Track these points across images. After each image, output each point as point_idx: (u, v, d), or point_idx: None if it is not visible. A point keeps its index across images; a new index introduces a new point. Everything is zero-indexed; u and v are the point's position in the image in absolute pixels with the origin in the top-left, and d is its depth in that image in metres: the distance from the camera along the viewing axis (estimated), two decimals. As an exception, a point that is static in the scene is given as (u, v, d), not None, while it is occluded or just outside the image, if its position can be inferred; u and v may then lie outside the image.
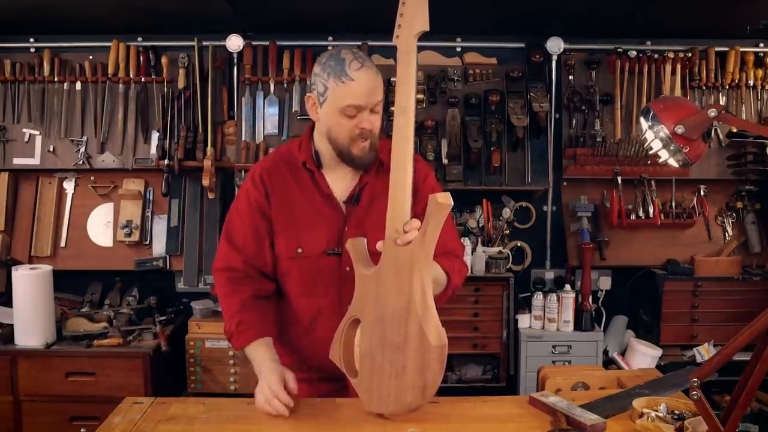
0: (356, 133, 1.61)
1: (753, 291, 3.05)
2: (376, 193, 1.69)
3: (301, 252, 1.68)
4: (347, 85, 1.57)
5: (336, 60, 1.59)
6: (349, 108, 1.59)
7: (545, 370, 1.80)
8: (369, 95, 1.59)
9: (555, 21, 3.12)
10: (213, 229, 3.24)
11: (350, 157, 1.65)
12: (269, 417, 1.49)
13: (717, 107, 1.63)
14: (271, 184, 1.71)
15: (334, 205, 1.70)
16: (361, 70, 1.58)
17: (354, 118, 1.60)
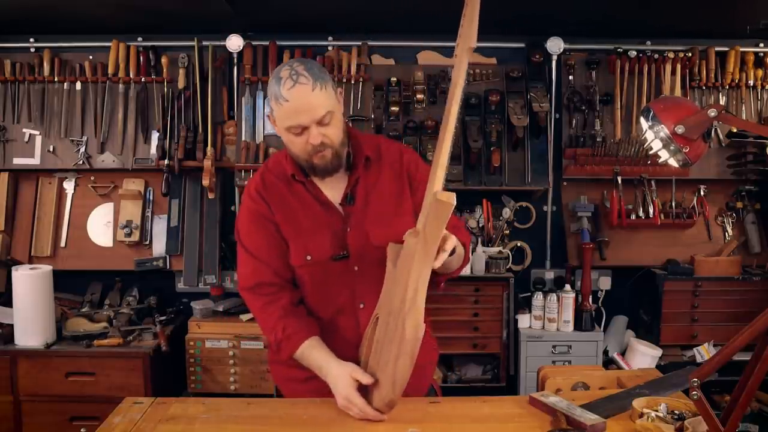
0: (309, 148, 1.61)
1: (753, 291, 3.05)
2: (369, 189, 1.72)
3: (310, 259, 1.68)
4: (283, 107, 1.57)
5: (276, 79, 1.58)
6: (293, 128, 1.59)
7: (545, 370, 1.80)
8: (306, 113, 1.57)
9: (555, 21, 3.12)
10: (213, 229, 3.24)
11: (313, 168, 1.65)
12: (270, 417, 1.49)
13: (717, 107, 1.63)
14: (269, 197, 1.71)
15: (331, 209, 1.71)
16: (293, 89, 1.55)
17: (301, 135, 1.59)
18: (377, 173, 1.73)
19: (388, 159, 1.76)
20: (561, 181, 3.27)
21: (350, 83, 3.17)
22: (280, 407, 1.63)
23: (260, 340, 2.98)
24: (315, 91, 1.56)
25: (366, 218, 1.69)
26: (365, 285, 1.67)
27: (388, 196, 1.72)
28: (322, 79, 1.58)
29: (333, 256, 1.67)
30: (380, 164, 1.74)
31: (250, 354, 2.98)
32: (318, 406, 1.59)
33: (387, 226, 1.67)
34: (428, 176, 1.58)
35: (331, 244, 1.68)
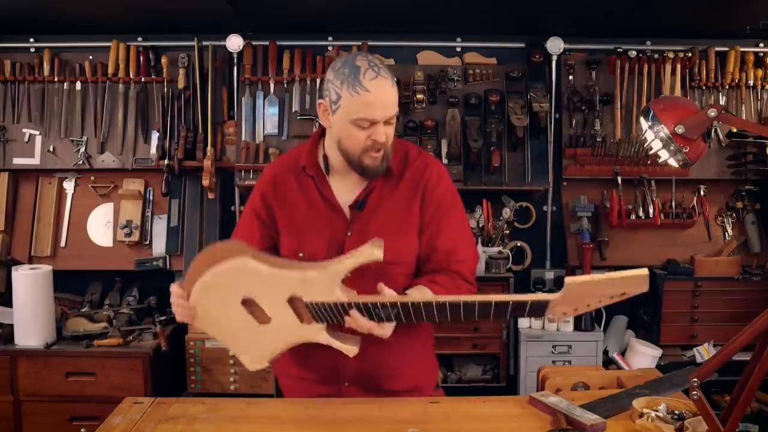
0: (368, 144, 1.56)
1: (753, 291, 3.05)
2: (383, 199, 1.67)
3: (302, 256, 1.65)
4: (361, 96, 1.51)
5: (350, 67, 1.53)
6: (362, 120, 1.53)
7: (545, 370, 1.80)
8: (384, 109, 1.53)
9: (555, 21, 3.12)
10: (213, 229, 3.24)
11: (361, 166, 1.60)
12: (270, 417, 1.49)
13: (717, 107, 1.63)
14: (276, 188, 1.70)
15: (336, 211, 1.67)
16: (375, 80, 1.51)
17: (367, 129, 1.54)
18: (395, 183, 1.68)
19: (411, 170, 1.69)
20: (561, 181, 3.27)
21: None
22: (280, 407, 1.63)
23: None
24: (393, 88, 1.55)
25: (370, 227, 1.64)
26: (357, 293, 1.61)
27: (398, 209, 1.67)
28: (393, 77, 1.56)
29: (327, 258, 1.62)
30: (401, 175, 1.68)
31: (250, 354, 2.98)
32: (318, 406, 1.59)
33: (389, 242, 1.58)
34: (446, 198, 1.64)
35: (328, 246, 1.64)
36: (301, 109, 3.17)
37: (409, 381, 1.74)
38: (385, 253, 1.52)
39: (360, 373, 1.68)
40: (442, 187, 1.70)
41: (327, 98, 1.59)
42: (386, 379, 1.70)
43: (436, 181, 1.69)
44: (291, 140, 3.16)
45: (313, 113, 3.15)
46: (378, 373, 1.69)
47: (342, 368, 1.67)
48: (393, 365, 1.70)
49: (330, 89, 1.57)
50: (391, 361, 1.69)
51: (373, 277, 1.53)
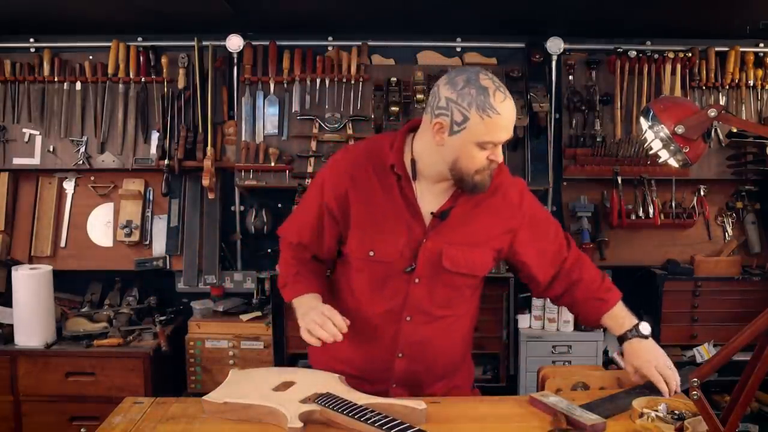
0: (484, 164, 1.56)
1: (753, 291, 3.04)
2: (465, 211, 1.66)
3: (372, 255, 1.65)
4: (492, 120, 1.49)
5: (477, 88, 1.49)
6: (488, 143, 1.53)
7: (545, 370, 1.80)
8: (508, 131, 1.54)
9: (555, 21, 3.12)
10: (213, 229, 3.24)
11: (472, 184, 1.58)
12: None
13: (717, 107, 1.63)
14: (353, 180, 1.66)
15: (417, 216, 1.65)
16: (505, 103, 1.50)
17: (486, 150, 1.54)
18: (482, 198, 1.66)
19: (504, 192, 1.70)
20: (561, 181, 3.27)
21: (350, 83, 3.17)
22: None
23: (260, 340, 2.98)
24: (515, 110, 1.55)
25: (447, 237, 1.65)
26: (420, 301, 1.66)
27: (478, 224, 1.67)
28: None
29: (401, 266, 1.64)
30: (490, 191, 1.65)
31: (250, 354, 2.98)
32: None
33: (463, 257, 1.65)
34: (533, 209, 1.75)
35: (402, 250, 1.63)
36: (301, 109, 3.17)
37: (452, 382, 1.79)
38: (458, 265, 1.64)
39: (409, 375, 1.71)
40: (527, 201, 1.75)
41: (448, 118, 1.52)
42: (433, 382, 1.75)
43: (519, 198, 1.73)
44: (291, 140, 3.16)
45: (313, 113, 3.15)
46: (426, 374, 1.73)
47: (395, 370, 1.70)
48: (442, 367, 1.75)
49: (453, 110, 1.51)
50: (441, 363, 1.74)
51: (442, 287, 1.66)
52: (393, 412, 1.42)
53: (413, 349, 1.69)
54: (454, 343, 1.75)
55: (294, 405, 1.45)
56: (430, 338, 1.69)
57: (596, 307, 1.77)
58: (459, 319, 1.75)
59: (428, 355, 1.70)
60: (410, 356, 1.69)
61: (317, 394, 1.50)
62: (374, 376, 1.71)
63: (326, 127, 3.16)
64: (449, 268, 1.64)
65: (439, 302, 1.68)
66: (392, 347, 1.68)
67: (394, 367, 1.70)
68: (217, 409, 1.50)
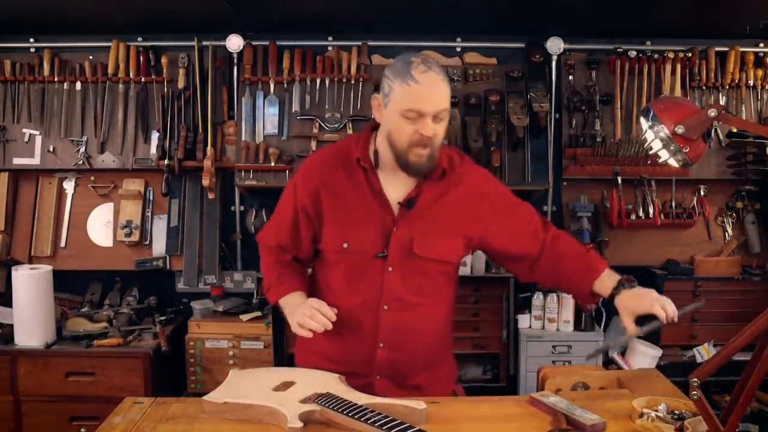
0: (416, 138, 1.59)
1: (753, 291, 3.05)
2: (433, 199, 1.70)
3: (346, 247, 1.70)
4: (411, 87, 1.57)
5: (404, 62, 1.60)
6: (410, 112, 1.58)
7: (545, 370, 1.80)
8: (431, 102, 1.58)
9: (555, 21, 3.12)
10: (213, 229, 3.24)
11: (406, 162, 1.64)
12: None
13: (717, 107, 1.63)
14: (323, 178, 1.72)
15: (385, 206, 1.70)
16: (426, 73, 1.58)
17: (415, 122, 1.58)
18: (446, 188, 1.72)
19: (469, 181, 1.75)
20: (561, 181, 3.27)
21: (350, 83, 3.17)
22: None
23: (260, 340, 2.98)
24: (443, 83, 1.60)
25: (417, 226, 1.69)
26: (395, 289, 1.70)
27: (446, 212, 1.71)
28: (447, 79, 1.63)
29: (373, 252, 1.68)
30: (453, 182, 1.72)
31: (250, 354, 2.98)
32: (318, 406, 1.59)
33: (434, 243, 1.69)
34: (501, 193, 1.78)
35: (373, 239, 1.69)
36: (301, 109, 3.17)
37: (434, 374, 1.83)
38: (429, 252, 1.69)
39: (392, 365, 1.74)
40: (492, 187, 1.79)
41: (381, 92, 1.65)
42: (416, 373, 1.77)
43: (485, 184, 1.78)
44: (291, 140, 3.16)
45: (313, 113, 3.16)
46: (408, 365, 1.75)
47: (377, 361, 1.73)
48: (423, 356, 1.78)
49: (384, 83, 1.63)
50: (422, 351, 1.77)
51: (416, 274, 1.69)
52: (393, 412, 1.42)
53: (393, 338, 1.72)
54: (433, 331, 1.79)
55: (294, 405, 1.45)
56: (409, 326, 1.72)
57: (588, 278, 1.76)
58: (435, 308, 1.79)
59: (408, 344, 1.73)
60: (391, 346, 1.72)
61: (317, 394, 1.50)
62: (358, 369, 1.73)
63: (326, 127, 3.16)
64: (420, 254, 1.68)
65: (414, 290, 1.71)
66: (373, 337, 1.71)
67: (376, 357, 1.72)
68: (217, 409, 1.50)
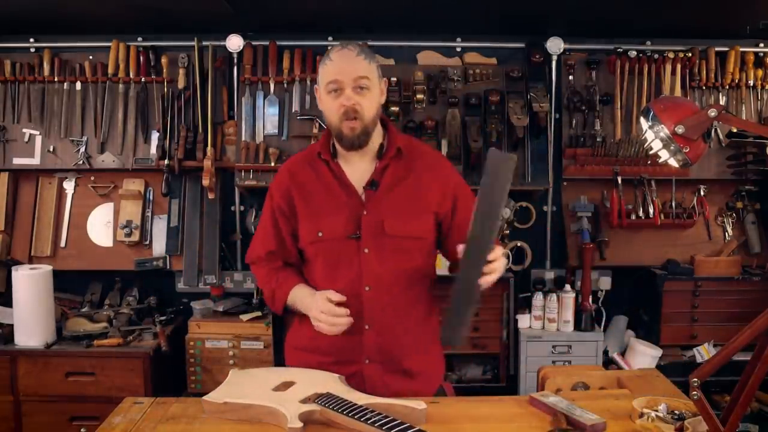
0: (341, 111, 1.69)
1: (753, 291, 3.05)
2: (396, 180, 1.77)
3: (321, 235, 1.76)
4: (327, 65, 1.71)
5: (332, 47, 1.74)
6: (329, 85, 1.70)
7: (545, 370, 1.80)
8: (345, 73, 1.68)
9: (555, 21, 3.12)
10: (213, 229, 3.24)
11: (340, 136, 1.73)
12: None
13: (717, 107, 1.63)
14: (293, 180, 1.81)
15: (351, 192, 1.76)
16: (340, 51, 1.71)
17: (338, 96, 1.69)
18: (409, 166, 1.79)
19: (429, 162, 1.82)
20: (561, 181, 3.27)
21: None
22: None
23: (260, 340, 2.98)
24: (358, 57, 1.71)
25: (385, 206, 1.75)
26: (373, 269, 1.73)
27: (412, 190, 1.77)
28: (370, 55, 1.73)
29: (346, 234, 1.73)
30: (414, 158, 1.80)
31: (250, 354, 2.98)
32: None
33: (404, 221, 1.75)
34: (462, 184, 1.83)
35: (345, 224, 1.74)
36: (301, 109, 3.17)
37: (423, 362, 1.82)
38: (401, 230, 1.74)
39: (379, 348, 1.75)
40: (456, 177, 1.86)
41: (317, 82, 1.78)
42: (404, 356, 1.78)
43: (451, 170, 1.87)
44: (291, 140, 3.16)
45: (313, 113, 3.16)
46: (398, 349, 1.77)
47: (365, 344, 1.75)
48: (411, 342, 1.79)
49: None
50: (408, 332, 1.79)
51: (391, 252, 1.73)
52: (393, 412, 1.42)
53: (378, 318, 1.74)
54: (418, 310, 1.81)
55: (294, 405, 1.45)
56: (393, 305, 1.75)
57: None
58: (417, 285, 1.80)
59: (394, 323, 1.76)
60: (377, 327, 1.74)
61: (317, 394, 1.50)
62: (347, 356, 1.74)
63: (326, 127, 3.15)
64: (391, 233, 1.73)
65: (392, 268, 1.74)
66: (358, 320, 1.71)
67: (363, 340, 1.74)
68: (217, 409, 1.50)
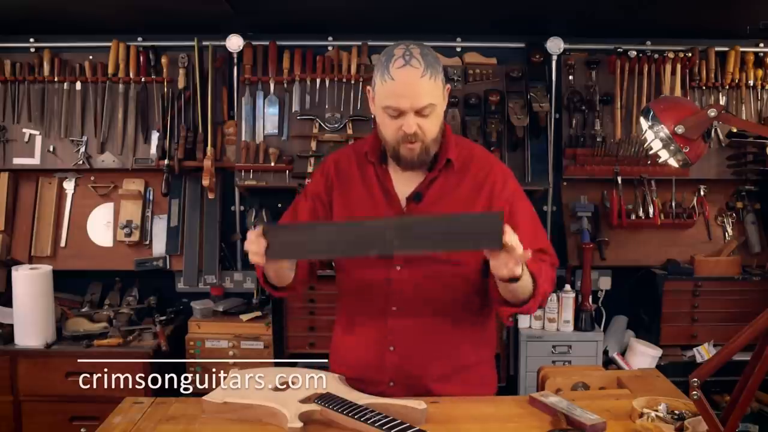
0: (400, 134, 1.54)
1: (753, 291, 3.04)
2: (443, 194, 1.64)
3: None
4: (387, 84, 1.51)
5: (387, 55, 1.53)
6: (389, 109, 1.53)
7: (545, 370, 1.80)
8: (408, 98, 1.50)
9: (555, 21, 3.12)
10: (213, 229, 3.24)
11: (397, 156, 1.59)
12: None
13: (717, 107, 1.63)
14: (337, 174, 1.69)
15: (393, 201, 1.64)
16: (402, 69, 1.49)
17: (397, 119, 1.53)
18: (459, 179, 1.65)
19: (475, 168, 1.67)
20: (561, 181, 3.27)
21: (350, 83, 3.17)
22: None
23: (260, 340, 2.98)
24: (423, 79, 1.50)
25: None
26: (403, 289, 1.62)
27: (458, 206, 1.63)
28: (435, 69, 1.52)
29: None
30: (465, 171, 1.65)
31: (250, 354, 2.98)
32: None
33: None
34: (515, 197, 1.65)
35: None
36: (301, 109, 3.17)
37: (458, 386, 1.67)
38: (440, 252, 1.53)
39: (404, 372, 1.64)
40: (510, 187, 1.68)
41: (372, 84, 1.59)
42: (431, 383, 1.66)
43: (503, 182, 1.67)
44: (291, 140, 3.16)
45: (313, 113, 3.16)
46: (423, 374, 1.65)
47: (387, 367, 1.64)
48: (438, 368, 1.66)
49: (373, 76, 1.58)
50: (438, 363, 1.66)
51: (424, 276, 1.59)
52: (393, 412, 1.42)
53: (404, 343, 1.63)
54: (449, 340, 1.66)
55: (294, 405, 1.45)
56: (421, 332, 1.63)
57: None
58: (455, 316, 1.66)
59: (420, 349, 1.64)
60: (402, 351, 1.63)
61: (317, 394, 1.50)
62: (371, 375, 1.65)
63: (326, 127, 3.16)
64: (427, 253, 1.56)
65: (424, 295, 1.61)
66: (382, 340, 1.64)
67: (387, 362, 1.64)
68: (217, 409, 1.50)
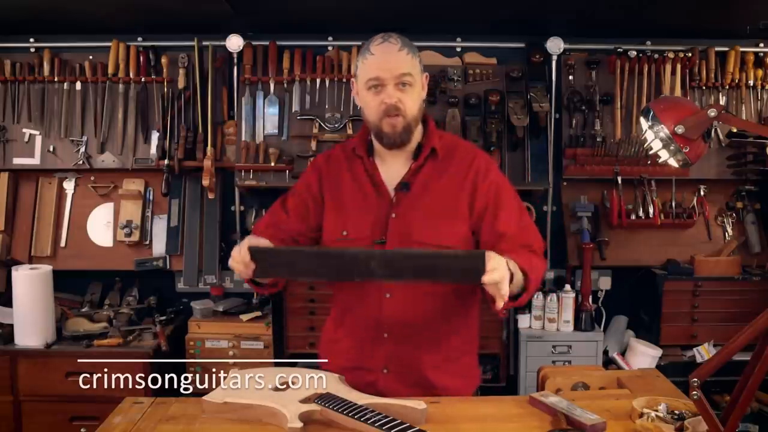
0: (382, 108, 1.61)
1: (753, 291, 3.04)
2: (430, 182, 1.68)
3: (345, 234, 1.68)
4: (367, 60, 1.62)
5: (367, 41, 1.65)
6: (370, 81, 1.61)
7: (545, 370, 1.80)
8: (387, 67, 1.60)
9: (555, 21, 3.12)
10: (213, 229, 3.24)
11: (380, 134, 1.65)
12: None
13: (717, 107, 1.63)
14: (327, 170, 1.76)
15: (382, 192, 1.69)
16: (382, 44, 1.62)
17: (379, 93, 1.61)
18: (444, 168, 1.70)
19: (459, 156, 1.72)
20: (561, 181, 3.27)
21: (350, 83, 3.16)
22: (280, 407, 1.62)
23: (260, 340, 2.98)
24: (401, 52, 1.63)
25: (415, 210, 1.66)
26: None
27: (445, 195, 1.68)
28: (412, 48, 1.66)
29: (372, 239, 1.64)
30: (450, 161, 1.71)
31: (250, 354, 2.98)
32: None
33: (433, 226, 1.64)
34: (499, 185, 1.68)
35: (371, 226, 1.66)
36: (301, 109, 3.17)
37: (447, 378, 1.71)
38: (428, 237, 1.62)
39: (399, 358, 1.67)
40: (493, 175, 1.72)
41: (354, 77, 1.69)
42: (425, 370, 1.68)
43: (486, 170, 1.71)
44: (291, 140, 3.16)
45: (313, 113, 3.16)
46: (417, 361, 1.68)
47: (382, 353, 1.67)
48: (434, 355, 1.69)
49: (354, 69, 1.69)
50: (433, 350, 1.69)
51: None
52: (393, 412, 1.42)
53: (398, 328, 1.66)
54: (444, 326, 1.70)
55: (294, 405, 1.45)
56: (414, 316, 1.66)
57: None
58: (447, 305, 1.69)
59: (414, 335, 1.67)
60: (396, 337, 1.66)
61: (317, 394, 1.50)
62: (366, 363, 1.69)
63: (326, 127, 3.16)
64: (419, 240, 1.62)
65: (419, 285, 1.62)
66: (377, 327, 1.66)
67: (382, 348, 1.67)
68: (217, 409, 1.50)
